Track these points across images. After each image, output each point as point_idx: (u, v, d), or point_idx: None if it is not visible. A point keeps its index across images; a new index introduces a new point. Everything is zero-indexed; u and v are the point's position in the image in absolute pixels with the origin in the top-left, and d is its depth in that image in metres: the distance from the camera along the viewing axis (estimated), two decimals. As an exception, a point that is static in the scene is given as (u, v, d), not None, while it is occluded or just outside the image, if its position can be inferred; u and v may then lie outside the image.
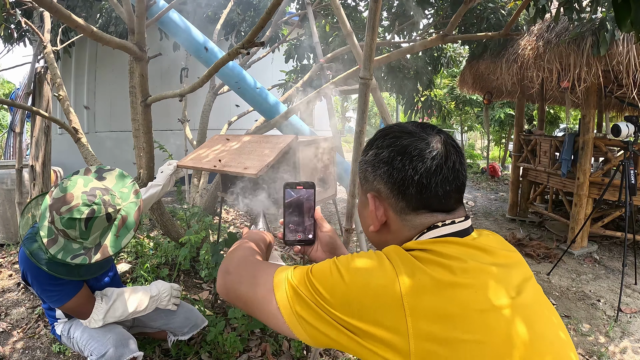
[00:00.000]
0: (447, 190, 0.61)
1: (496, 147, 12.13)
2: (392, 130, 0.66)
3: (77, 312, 1.45)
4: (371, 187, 0.66)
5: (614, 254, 3.75)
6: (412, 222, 0.63)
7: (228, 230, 2.77)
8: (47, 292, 1.38)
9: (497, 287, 0.55)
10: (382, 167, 0.63)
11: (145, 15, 1.82)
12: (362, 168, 0.69)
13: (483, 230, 0.68)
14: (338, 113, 20.41)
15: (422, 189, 0.61)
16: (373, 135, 0.70)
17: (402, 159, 0.61)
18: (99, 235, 1.27)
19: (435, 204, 0.62)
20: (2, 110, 10.36)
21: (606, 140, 3.81)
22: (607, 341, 2.32)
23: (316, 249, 0.85)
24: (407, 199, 0.62)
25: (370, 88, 1.32)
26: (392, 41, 3.50)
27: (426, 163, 0.60)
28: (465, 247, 0.59)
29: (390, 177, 0.63)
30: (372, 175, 0.66)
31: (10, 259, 3.20)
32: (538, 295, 0.60)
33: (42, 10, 3.03)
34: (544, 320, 0.56)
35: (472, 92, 5.30)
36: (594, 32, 2.90)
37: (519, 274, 0.60)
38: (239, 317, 2.10)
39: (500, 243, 0.66)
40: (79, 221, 1.21)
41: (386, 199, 0.64)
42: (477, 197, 6.58)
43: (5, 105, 4.27)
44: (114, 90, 5.61)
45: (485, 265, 0.56)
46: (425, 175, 0.60)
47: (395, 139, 0.64)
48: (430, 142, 0.62)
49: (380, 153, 0.64)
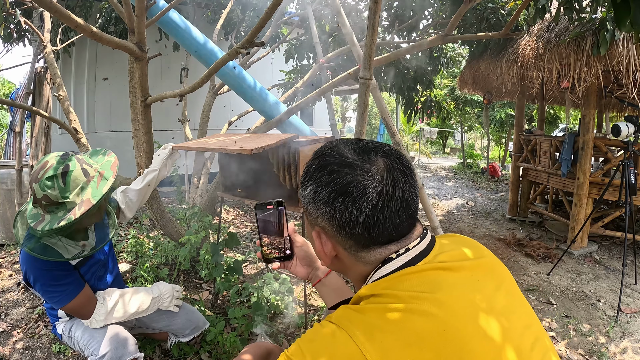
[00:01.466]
0: (397, 222, 0.57)
1: (496, 147, 12.14)
2: (330, 160, 0.58)
3: (79, 312, 1.45)
4: (316, 223, 0.62)
5: (614, 254, 3.75)
6: (366, 259, 0.60)
7: (228, 230, 2.77)
8: (49, 293, 1.37)
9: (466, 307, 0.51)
10: (323, 207, 0.58)
11: (145, 15, 1.82)
12: (303, 201, 0.63)
13: (446, 241, 0.64)
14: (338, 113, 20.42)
15: (369, 228, 0.56)
16: (310, 161, 0.62)
17: (344, 200, 0.55)
18: (79, 192, 1.28)
19: (385, 238, 0.58)
20: (2, 110, 10.36)
21: (606, 140, 3.81)
22: (607, 341, 2.32)
23: (295, 263, 0.86)
24: (354, 238, 0.58)
25: (370, 88, 1.32)
26: (392, 41, 3.50)
27: (371, 202, 0.54)
28: (421, 277, 0.55)
29: (333, 219, 0.57)
30: (314, 212, 0.60)
31: (10, 259, 3.20)
32: (511, 302, 0.57)
33: (42, 10, 3.03)
34: (519, 329, 0.54)
35: (472, 92, 5.30)
36: (594, 32, 2.90)
37: (489, 282, 0.57)
38: (239, 317, 2.10)
39: (470, 249, 0.62)
40: (56, 177, 1.24)
41: (332, 236, 0.60)
42: (477, 197, 6.58)
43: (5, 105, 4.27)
44: (114, 90, 5.61)
45: (444, 290, 0.52)
46: (371, 215, 0.55)
47: (335, 175, 0.56)
48: (374, 175, 0.55)
49: (319, 191, 0.58)
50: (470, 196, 6.69)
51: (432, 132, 13.04)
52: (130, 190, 1.71)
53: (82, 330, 1.50)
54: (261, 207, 0.80)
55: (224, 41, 4.66)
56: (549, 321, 2.53)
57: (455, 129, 15.45)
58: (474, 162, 11.40)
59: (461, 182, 8.37)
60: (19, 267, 3.02)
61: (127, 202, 1.70)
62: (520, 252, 3.75)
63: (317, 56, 2.77)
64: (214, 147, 1.70)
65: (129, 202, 1.70)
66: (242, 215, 4.81)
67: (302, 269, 0.87)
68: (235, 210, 5.05)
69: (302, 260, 0.86)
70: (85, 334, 1.48)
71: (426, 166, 11.18)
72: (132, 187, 1.73)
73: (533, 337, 0.55)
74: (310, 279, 0.88)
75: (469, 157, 11.49)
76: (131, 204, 1.72)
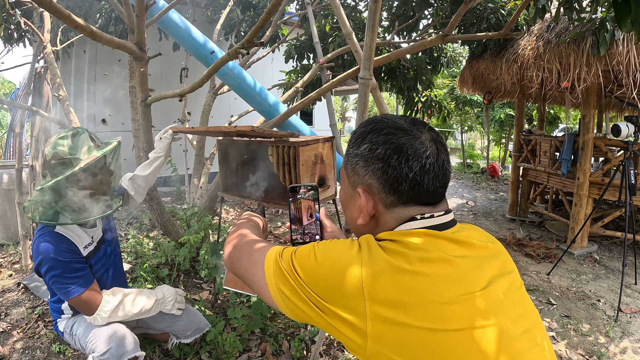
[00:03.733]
0: (437, 186, 0.64)
1: (496, 147, 12.13)
2: (385, 124, 0.66)
3: (85, 306, 1.45)
4: (361, 181, 0.67)
5: (614, 254, 3.75)
6: (399, 214, 0.65)
7: (228, 230, 2.77)
8: (60, 284, 1.38)
9: (461, 279, 0.56)
10: (377, 163, 0.64)
11: (145, 15, 1.82)
12: (351, 161, 0.69)
13: (467, 225, 0.69)
14: (338, 113, 20.42)
15: (415, 186, 0.63)
16: (362, 127, 0.69)
17: (399, 157, 0.62)
18: (86, 151, 1.36)
19: (424, 198, 0.64)
20: (2, 110, 10.36)
21: (606, 140, 3.81)
22: (607, 341, 2.32)
23: None
24: (398, 194, 0.64)
25: (370, 88, 1.32)
26: (392, 41, 3.50)
27: (421, 162, 0.62)
28: (435, 239, 0.61)
29: (384, 174, 0.63)
30: (363, 170, 0.66)
31: (10, 259, 3.20)
32: (512, 291, 0.61)
33: (42, 11, 3.03)
34: (512, 315, 0.57)
35: (472, 92, 5.30)
36: (594, 32, 2.90)
37: (494, 267, 0.61)
38: (239, 317, 2.10)
39: (483, 236, 0.67)
40: (66, 137, 1.35)
41: (376, 193, 0.66)
42: (477, 197, 6.58)
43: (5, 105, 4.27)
44: (114, 90, 5.61)
45: (451, 257, 0.58)
46: (419, 173, 0.62)
47: (391, 136, 0.64)
48: (424, 142, 0.63)
49: (375, 149, 0.64)
50: (470, 196, 6.69)
51: (432, 132, 13.01)
52: (138, 177, 1.74)
53: (85, 327, 1.51)
54: (294, 189, 0.82)
55: (224, 41, 4.66)
56: (549, 321, 2.53)
57: (455, 129, 15.45)
58: (474, 162, 11.40)
59: (461, 182, 8.37)
60: (19, 267, 3.02)
61: (136, 188, 1.74)
62: (520, 252, 3.75)
63: (317, 56, 2.77)
64: (213, 130, 1.71)
65: (137, 187, 1.74)
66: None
67: None
68: (235, 210, 5.05)
69: None
70: (87, 331, 1.49)
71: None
72: (139, 174, 1.74)
73: (525, 326, 0.58)
74: None
75: (469, 157, 11.49)
76: (140, 189, 1.75)
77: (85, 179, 1.38)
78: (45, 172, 1.35)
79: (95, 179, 1.42)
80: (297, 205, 0.82)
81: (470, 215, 5.29)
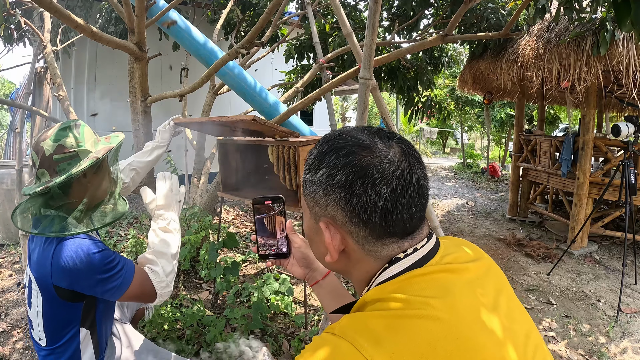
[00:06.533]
0: (413, 211, 0.54)
1: (496, 147, 12.14)
2: (344, 142, 0.54)
3: (145, 291, 1.15)
4: (323, 213, 0.56)
5: (614, 254, 3.75)
6: (378, 254, 0.56)
7: (227, 231, 2.77)
8: (106, 281, 1.05)
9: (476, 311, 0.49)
10: (338, 192, 0.53)
11: (145, 15, 1.82)
12: (309, 189, 0.57)
13: (446, 241, 0.62)
14: (338, 113, 20.43)
15: (387, 215, 0.52)
16: (318, 147, 0.58)
17: (363, 182, 0.51)
18: (93, 144, 1.15)
19: (400, 229, 0.54)
20: (2, 110, 10.36)
21: (606, 140, 3.81)
22: (607, 341, 2.32)
23: (292, 262, 0.83)
24: (369, 226, 0.53)
25: (370, 88, 1.32)
26: (392, 41, 3.50)
27: (391, 185, 0.51)
28: (430, 280, 0.52)
29: (348, 204, 0.53)
30: (323, 200, 0.55)
31: (10, 258, 3.20)
32: (512, 307, 0.56)
33: (42, 11, 3.03)
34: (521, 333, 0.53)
35: (472, 92, 5.30)
36: (594, 32, 2.90)
37: (491, 285, 0.56)
38: (238, 317, 2.10)
39: (467, 253, 0.60)
40: (69, 128, 1.12)
41: (343, 227, 0.55)
42: (477, 197, 6.58)
43: (5, 105, 4.27)
44: (114, 90, 5.61)
45: (454, 295, 0.50)
46: (390, 200, 0.51)
47: (352, 157, 0.52)
48: (393, 158, 0.53)
49: (334, 174, 0.53)
50: (470, 196, 6.69)
51: (432, 132, 13.05)
52: (137, 162, 1.61)
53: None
54: (259, 201, 0.78)
55: (224, 41, 4.67)
56: (549, 321, 2.52)
57: (455, 129, 15.46)
58: (474, 162, 11.40)
59: (461, 182, 8.37)
60: (19, 267, 3.02)
61: (133, 176, 1.57)
62: (520, 252, 3.75)
63: (317, 56, 2.77)
64: (215, 119, 1.71)
65: (135, 175, 1.59)
66: (242, 216, 4.81)
67: (300, 269, 0.84)
68: (235, 210, 5.05)
69: (299, 261, 0.84)
70: None
71: (426, 166, 11.15)
72: (138, 160, 1.62)
73: (534, 344, 0.54)
74: (308, 280, 0.86)
75: (469, 157, 11.50)
76: (137, 176, 1.61)
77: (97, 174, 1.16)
78: (43, 170, 1.08)
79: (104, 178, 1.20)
80: (269, 220, 0.78)
81: (470, 215, 5.29)
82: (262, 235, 0.80)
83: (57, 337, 1.10)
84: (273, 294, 2.48)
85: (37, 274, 1.05)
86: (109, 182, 1.23)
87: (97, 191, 1.18)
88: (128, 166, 1.59)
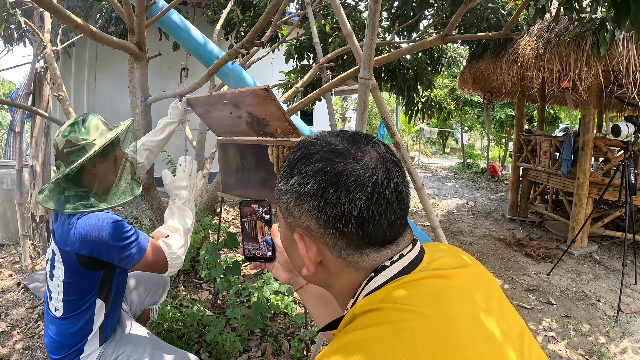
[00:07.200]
0: (392, 219, 0.51)
1: (496, 147, 12.15)
2: (317, 148, 0.52)
3: (157, 261, 1.24)
4: (297, 224, 0.53)
5: (614, 254, 3.75)
6: (358, 265, 0.53)
7: (227, 231, 2.77)
8: (123, 249, 1.16)
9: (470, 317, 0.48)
10: (310, 201, 0.50)
11: (145, 15, 1.82)
12: (282, 199, 0.54)
13: (431, 248, 0.60)
14: (338, 113, 20.44)
15: (364, 224, 0.49)
16: (290, 154, 0.55)
17: (336, 190, 0.48)
18: (99, 136, 1.26)
19: (379, 238, 0.52)
20: (2, 110, 10.36)
21: (606, 140, 3.82)
22: (607, 341, 2.32)
23: (276, 266, 0.82)
24: (346, 237, 0.50)
25: (370, 88, 1.32)
26: (392, 41, 3.50)
27: (366, 192, 0.48)
28: (420, 286, 0.50)
29: (322, 214, 0.50)
30: (297, 210, 0.52)
31: (10, 259, 3.20)
32: (503, 309, 0.55)
33: (42, 11, 3.03)
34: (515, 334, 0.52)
35: (472, 92, 5.30)
36: (594, 32, 2.90)
37: (481, 289, 0.54)
38: (238, 317, 2.10)
39: (454, 259, 0.58)
40: (77, 124, 1.25)
41: (319, 237, 0.52)
42: (477, 197, 6.58)
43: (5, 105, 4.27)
44: (114, 90, 5.61)
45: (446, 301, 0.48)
46: (365, 208, 0.49)
47: (324, 164, 0.50)
48: (368, 164, 0.50)
49: (305, 183, 0.50)
50: (470, 196, 6.69)
51: (432, 132, 13.05)
52: (151, 142, 1.69)
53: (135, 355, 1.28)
54: (246, 204, 0.77)
55: (224, 41, 4.66)
56: (549, 321, 2.52)
57: (455, 129, 15.46)
58: (474, 162, 11.41)
59: (461, 182, 8.37)
60: (19, 267, 3.02)
61: (147, 155, 1.68)
62: (520, 252, 3.75)
63: (317, 56, 2.77)
64: (227, 91, 1.71)
65: (149, 154, 1.68)
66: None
67: (284, 273, 0.83)
68: (235, 210, 5.05)
69: (284, 266, 0.82)
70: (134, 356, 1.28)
71: (426, 166, 11.18)
72: (151, 139, 1.70)
73: (528, 344, 0.53)
74: (292, 284, 0.85)
75: (469, 157, 11.50)
76: (151, 155, 1.70)
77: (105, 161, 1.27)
78: (59, 162, 1.25)
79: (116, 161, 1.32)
80: (251, 224, 0.78)
81: (470, 215, 5.29)
82: (247, 238, 0.80)
83: (74, 305, 1.22)
84: (273, 294, 2.48)
85: (61, 246, 1.18)
86: (122, 166, 1.34)
87: (109, 175, 1.30)
88: (142, 146, 1.67)
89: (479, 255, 3.64)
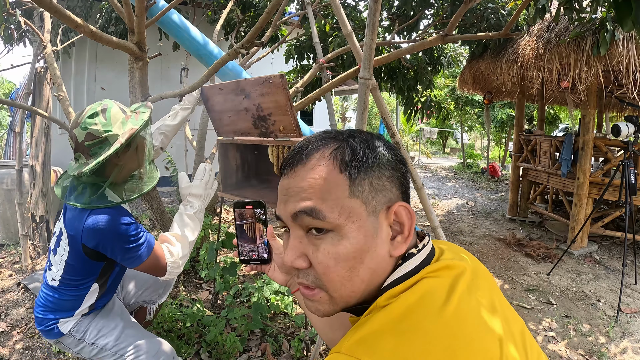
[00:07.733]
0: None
1: (496, 147, 12.15)
2: (362, 135, 0.55)
3: (157, 266, 1.28)
4: (390, 196, 0.52)
5: (614, 254, 3.75)
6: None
7: (227, 231, 2.77)
8: (128, 251, 1.20)
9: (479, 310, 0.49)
10: (400, 167, 0.55)
11: (145, 15, 1.82)
12: (371, 174, 0.51)
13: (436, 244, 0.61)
14: (338, 113, 20.42)
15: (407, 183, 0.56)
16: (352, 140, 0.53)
17: (399, 162, 0.55)
18: (120, 126, 1.23)
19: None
20: (2, 110, 10.37)
21: (606, 140, 3.82)
22: (607, 341, 2.32)
23: (273, 268, 0.81)
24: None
25: (370, 88, 1.32)
26: (392, 41, 3.50)
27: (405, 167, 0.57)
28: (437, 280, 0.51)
29: (401, 186, 0.54)
30: (389, 182, 0.52)
31: (10, 258, 3.20)
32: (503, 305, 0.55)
33: (42, 11, 3.03)
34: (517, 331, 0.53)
35: (472, 92, 5.30)
36: (594, 32, 2.90)
37: (485, 287, 0.55)
38: (238, 317, 2.10)
39: (454, 255, 0.59)
40: (97, 114, 1.21)
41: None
42: (477, 197, 6.58)
43: (5, 105, 4.27)
44: (114, 90, 5.61)
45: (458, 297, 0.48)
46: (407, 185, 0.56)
47: (375, 140, 0.56)
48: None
49: (392, 154, 0.55)
50: (470, 196, 6.69)
51: (432, 132, 13.05)
52: (166, 126, 1.71)
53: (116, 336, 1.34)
54: (240, 206, 0.76)
55: (224, 41, 4.66)
56: (549, 321, 2.52)
57: (455, 129, 15.46)
58: (474, 162, 11.41)
59: (461, 182, 8.37)
60: (19, 267, 3.02)
61: (162, 139, 1.70)
62: (520, 252, 3.75)
63: (317, 56, 2.77)
64: (243, 79, 1.73)
65: (164, 137, 1.71)
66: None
67: (281, 275, 0.81)
68: (235, 210, 5.05)
69: (280, 267, 0.81)
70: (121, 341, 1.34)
71: (426, 166, 11.18)
72: (167, 123, 1.71)
73: (529, 342, 0.54)
74: (290, 287, 0.83)
75: (469, 157, 11.50)
76: (166, 139, 1.72)
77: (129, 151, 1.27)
78: (79, 154, 1.21)
79: (137, 150, 1.31)
80: (250, 225, 0.77)
81: (470, 215, 5.29)
82: (244, 240, 0.78)
83: (72, 284, 1.27)
84: (273, 294, 2.48)
85: (70, 231, 1.22)
86: (143, 153, 1.34)
87: (131, 164, 1.31)
88: (157, 130, 1.70)
89: (479, 255, 3.64)
